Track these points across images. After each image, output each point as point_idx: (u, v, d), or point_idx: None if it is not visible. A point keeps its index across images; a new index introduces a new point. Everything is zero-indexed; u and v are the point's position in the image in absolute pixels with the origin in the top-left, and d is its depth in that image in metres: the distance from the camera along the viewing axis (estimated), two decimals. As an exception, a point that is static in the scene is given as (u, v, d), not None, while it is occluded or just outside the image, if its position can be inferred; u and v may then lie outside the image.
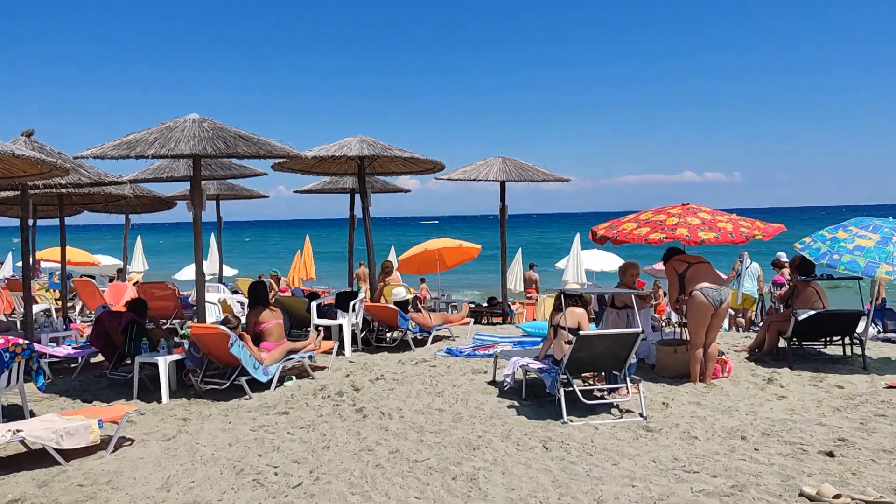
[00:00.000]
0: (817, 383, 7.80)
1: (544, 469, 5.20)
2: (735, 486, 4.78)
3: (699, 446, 5.70)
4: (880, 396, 7.18)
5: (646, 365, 8.65)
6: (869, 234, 8.36)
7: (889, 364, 8.91)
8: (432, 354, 9.71)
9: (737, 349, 9.82)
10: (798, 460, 5.31)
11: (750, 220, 8.15)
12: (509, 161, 13.25)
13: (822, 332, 9.07)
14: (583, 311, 7.07)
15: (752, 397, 7.24)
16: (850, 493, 4.55)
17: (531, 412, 6.74)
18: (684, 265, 7.86)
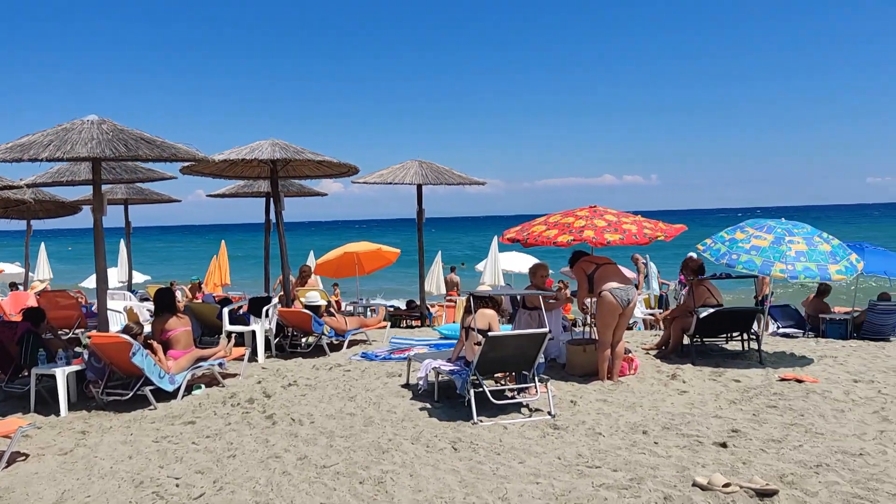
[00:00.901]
0: (717, 378, 8.15)
1: (452, 470, 5.25)
2: (633, 478, 4.94)
3: (603, 442, 5.86)
4: (773, 389, 7.55)
5: (557, 364, 8.85)
6: (764, 234, 8.78)
7: (784, 358, 9.39)
8: (347, 359, 9.65)
9: (645, 347, 10.15)
10: (694, 452, 5.53)
11: (653, 222, 8.44)
12: (426, 164, 13.31)
13: (722, 328, 9.48)
14: (493, 312, 7.16)
15: (655, 393, 7.50)
16: (739, 481, 4.77)
17: (443, 414, 6.78)
18: (593, 266, 8.07)
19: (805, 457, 5.32)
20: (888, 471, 4.97)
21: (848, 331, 12.81)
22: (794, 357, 9.47)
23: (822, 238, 8.83)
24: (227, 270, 20.30)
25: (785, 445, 5.64)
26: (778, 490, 4.61)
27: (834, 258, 8.53)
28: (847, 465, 5.13)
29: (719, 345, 10.13)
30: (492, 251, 17.97)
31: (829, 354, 9.67)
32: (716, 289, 9.46)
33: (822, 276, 8.40)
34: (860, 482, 4.77)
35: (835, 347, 10.42)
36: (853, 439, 5.76)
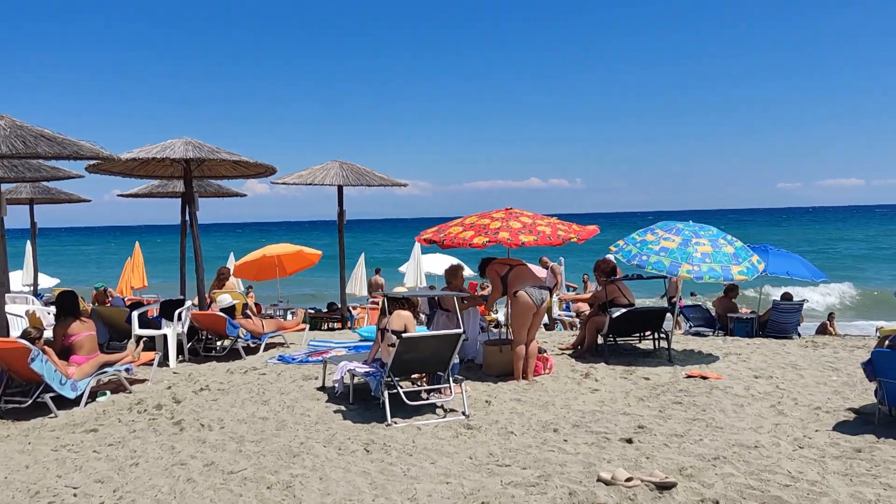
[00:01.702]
0: (628, 376, 8.38)
1: (363, 472, 5.22)
2: (542, 475, 5.03)
3: (514, 441, 5.95)
4: (680, 385, 7.82)
5: (474, 365, 8.92)
6: (672, 236, 9.09)
7: (692, 356, 9.73)
8: (263, 362, 9.48)
9: (561, 347, 10.35)
10: (601, 448, 5.67)
11: (567, 224, 8.62)
12: (346, 165, 13.22)
13: (634, 328, 9.76)
14: (409, 313, 7.16)
15: (568, 392, 7.65)
16: (641, 475, 4.91)
17: (357, 416, 6.75)
18: (506, 268, 8.18)
19: (704, 450, 5.53)
20: (780, 462, 5.22)
21: (754, 329, 13.40)
22: (701, 355, 9.83)
23: (726, 240, 9.20)
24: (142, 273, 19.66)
25: (686, 440, 5.84)
26: (676, 483, 4.77)
27: (737, 259, 8.90)
28: (743, 457, 5.35)
29: (632, 344, 10.42)
30: (414, 253, 18.00)
31: (734, 352, 10.08)
32: (627, 289, 9.73)
33: (726, 276, 8.76)
34: (754, 473, 4.99)
35: (740, 345, 10.87)
36: (750, 432, 6.02)
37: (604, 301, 9.48)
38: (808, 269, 14.27)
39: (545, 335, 12.11)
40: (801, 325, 14.05)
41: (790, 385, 7.83)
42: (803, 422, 6.34)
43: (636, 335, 10.07)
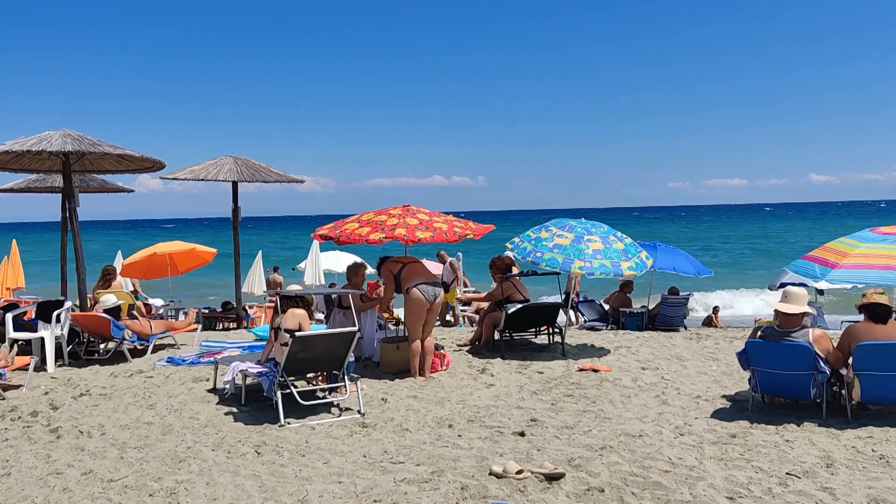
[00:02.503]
0: (523, 370, 8.54)
1: (253, 475, 5.08)
2: (435, 471, 5.04)
3: (409, 438, 5.94)
4: (572, 379, 8.03)
5: (371, 363, 8.87)
6: (565, 233, 9.33)
7: (585, 350, 10.03)
8: (151, 365, 9.08)
9: (458, 343, 10.44)
10: (494, 442, 5.75)
11: (463, 221, 8.70)
12: (241, 161, 12.85)
13: (530, 323, 9.96)
14: (303, 312, 7.04)
15: (464, 387, 7.71)
16: (532, 467, 5.01)
17: (249, 418, 6.57)
18: (399, 266, 8.17)
19: (592, 440, 5.70)
20: (662, 450, 5.44)
21: (644, 323, 13.96)
22: (594, 348, 10.14)
23: (616, 237, 9.52)
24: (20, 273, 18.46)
25: (576, 431, 6.00)
26: (565, 473, 4.89)
27: (626, 255, 9.22)
28: (628, 446, 5.55)
29: (528, 339, 10.63)
30: (313, 251, 17.73)
31: (625, 345, 10.46)
32: (522, 285, 9.91)
33: (616, 272, 9.07)
34: (637, 461, 5.18)
35: (630, 338, 11.29)
36: (636, 422, 6.25)
37: (500, 298, 9.62)
38: (693, 265, 14.98)
39: (443, 332, 12.18)
40: (687, 318, 14.76)
41: (674, 376, 8.18)
42: (684, 410, 6.64)
43: (532, 330, 10.28)
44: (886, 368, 5.84)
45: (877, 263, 7.23)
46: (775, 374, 6.29)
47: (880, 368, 5.86)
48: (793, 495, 4.52)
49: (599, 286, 17.98)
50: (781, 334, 6.32)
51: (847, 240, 7.95)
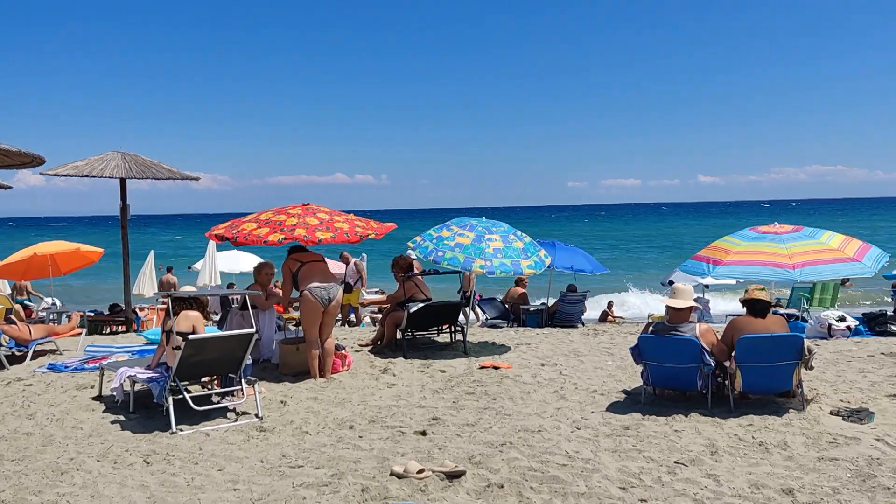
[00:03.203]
0: (425, 369, 8.54)
1: (141, 485, 4.85)
2: (335, 474, 4.96)
3: (309, 440, 5.83)
4: (474, 377, 8.10)
5: (270, 365, 8.66)
6: (466, 232, 9.40)
7: (486, 347, 10.14)
8: (30, 372, 8.53)
9: (360, 343, 10.35)
10: (395, 442, 5.72)
11: (365, 220, 8.61)
12: (129, 157, 12.28)
13: (432, 321, 9.98)
14: (197, 314, 6.77)
15: (366, 388, 7.65)
16: (433, 466, 5.01)
17: (138, 425, 6.27)
18: (298, 264, 8.02)
19: (493, 437, 5.76)
20: (560, 444, 5.56)
21: (543, 319, 14.28)
22: (495, 346, 10.27)
23: (516, 236, 9.68)
24: None
25: (477, 428, 6.05)
26: (465, 471, 4.92)
27: (525, 254, 9.39)
28: (527, 441, 5.64)
29: (430, 337, 10.65)
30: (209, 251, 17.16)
31: (525, 342, 10.65)
32: (424, 284, 9.92)
33: (516, 270, 9.22)
34: (536, 456, 5.27)
35: (530, 335, 11.51)
36: (535, 418, 6.36)
37: (402, 298, 9.60)
38: (590, 263, 15.46)
39: (345, 332, 12.06)
40: (585, 313, 15.21)
41: (572, 371, 8.39)
42: (581, 404, 6.81)
43: (434, 329, 10.30)
44: (765, 359, 6.19)
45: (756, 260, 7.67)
46: (665, 368, 6.56)
47: (759, 360, 6.20)
48: (680, 483, 4.72)
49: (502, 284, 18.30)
50: (670, 329, 6.59)
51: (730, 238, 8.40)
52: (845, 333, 10.93)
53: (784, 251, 7.71)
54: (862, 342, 10.11)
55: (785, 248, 7.74)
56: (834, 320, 11.16)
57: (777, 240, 7.91)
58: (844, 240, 8.35)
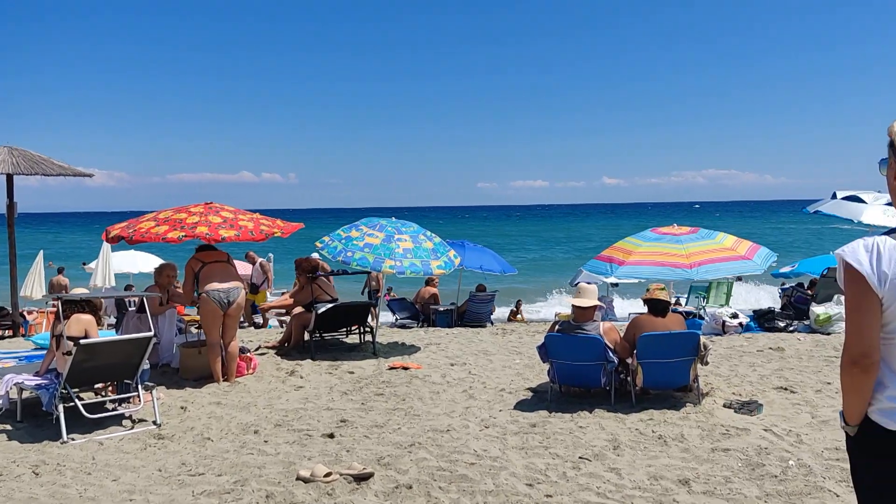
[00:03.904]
0: (333, 371, 8.43)
1: (29, 498, 4.56)
2: (238, 481, 4.81)
3: (211, 447, 5.63)
4: (383, 378, 8.05)
5: (171, 369, 8.34)
6: (376, 232, 9.34)
7: (396, 348, 10.10)
8: None
9: (266, 345, 10.11)
10: (302, 446, 5.60)
11: (271, 219, 8.42)
12: (17, 151, 11.56)
13: (341, 322, 9.87)
14: (90, 317, 6.44)
15: (272, 391, 7.47)
16: (340, 469, 4.94)
17: (26, 435, 5.91)
18: (200, 264, 7.75)
19: (402, 438, 5.73)
20: (468, 443, 5.58)
21: (453, 319, 14.35)
22: (404, 346, 10.24)
23: (425, 236, 9.69)
24: None
25: (386, 429, 6.01)
26: (374, 473, 4.87)
27: (435, 254, 9.41)
28: (436, 441, 5.64)
29: (339, 338, 10.51)
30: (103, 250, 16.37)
31: (435, 342, 10.67)
32: (329, 285, 9.80)
33: (426, 270, 9.23)
34: (445, 456, 5.28)
35: (440, 335, 11.55)
36: (444, 417, 6.38)
37: (309, 300, 9.43)
38: (499, 263, 15.66)
39: (251, 333, 11.76)
40: (493, 313, 15.39)
41: (481, 370, 8.47)
42: (490, 403, 6.88)
43: (343, 330, 10.18)
44: (664, 356, 6.43)
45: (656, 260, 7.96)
46: (571, 365, 6.70)
47: (659, 356, 6.43)
48: (584, 477, 4.83)
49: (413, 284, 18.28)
50: (576, 328, 6.74)
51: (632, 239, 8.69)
52: (738, 330, 11.50)
53: (682, 251, 8.04)
54: (752, 338, 10.65)
55: (683, 249, 8.07)
56: (727, 317, 11.72)
57: (676, 240, 8.24)
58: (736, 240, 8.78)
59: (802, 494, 4.42)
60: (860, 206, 12.71)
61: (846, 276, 2.10)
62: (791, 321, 11.84)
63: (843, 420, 2.21)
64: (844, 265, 2.10)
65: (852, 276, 2.08)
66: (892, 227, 2.14)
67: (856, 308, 2.08)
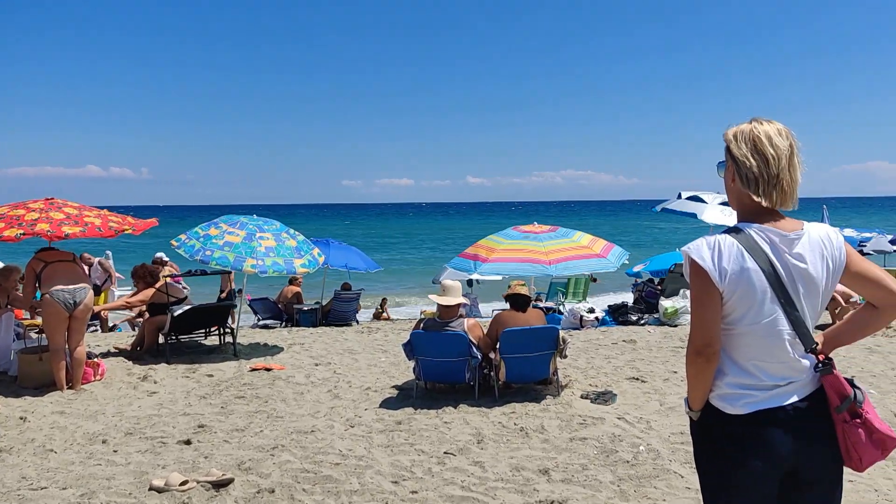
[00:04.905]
0: (190, 374, 8.06)
1: None
2: (85, 493, 4.50)
3: (54, 459, 5.23)
4: (244, 380, 7.79)
5: (8, 377, 7.67)
6: (236, 230, 9.02)
7: (258, 349, 9.81)
8: None
9: (117, 347, 9.54)
10: (156, 454, 5.31)
11: (121, 216, 7.94)
12: None
13: (199, 324, 9.46)
14: None
15: (122, 398, 7.04)
16: (197, 476, 4.72)
17: None
18: (42, 264, 7.17)
19: (264, 441, 5.57)
20: (333, 443, 5.51)
21: (318, 318, 14.13)
22: (267, 347, 9.97)
23: (289, 234, 9.47)
24: None
25: (247, 433, 5.82)
26: (234, 478, 4.70)
27: (299, 253, 9.22)
28: (300, 443, 5.53)
29: (197, 341, 10.08)
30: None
31: (299, 342, 10.46)
32: (176, 286, 9.40)
33: (289, 269, 9.02)
34: (309, 457, 5.18)
35: (304, 335, 11.33)
36: (308, 418, 6.26)
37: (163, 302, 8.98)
38: (364, 261, 15.59)
39: (98, 337, 11.04)
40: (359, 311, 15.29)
41: (346, 369, 8.38)
42: (355, 402, 6.82)
43: (201, 332, 9.77)
44: (525, 350, 6.63)
45: (517, 257, 8.20)
46: (436, 362, 6.77)
47: (521, 351, 6.63)
48: (449, 472, 4.89)
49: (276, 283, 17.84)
50: (441, 325, 6.82)
51: (495, 237, 8.91)
52: (594, 324, 12.06)
53: (542, 249, 8.33)
54: (608, 331, 11.21)
55: (542, 246, 8.36)
56: (585, 312, 12.27)
57: (536, 238, 8.53)
58: (593, 239, 9.21)
59: (651, 477, 4.70)
60: (701, 206, 13.69)
61: (691, 271, 2.24)
62: (642, 315, 12.57)
63: (687, 406, 2.35)
64: (689, 261, 2.24)
65: (696, 271, 2.22)
66: (731, 226, 2.30)
67: (699, 301, 2.22)
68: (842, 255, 2.25)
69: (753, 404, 2.20)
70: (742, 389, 2.22)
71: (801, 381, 2.23)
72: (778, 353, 2.21)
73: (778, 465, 2.18)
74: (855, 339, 2.38)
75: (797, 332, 2.20)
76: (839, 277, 2.27)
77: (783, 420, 2.19)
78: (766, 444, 2.17)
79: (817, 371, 2.23)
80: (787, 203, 2.25)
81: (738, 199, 2.31)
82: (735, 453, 2.20)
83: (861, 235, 20.66)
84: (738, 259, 2.18)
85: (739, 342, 2.23)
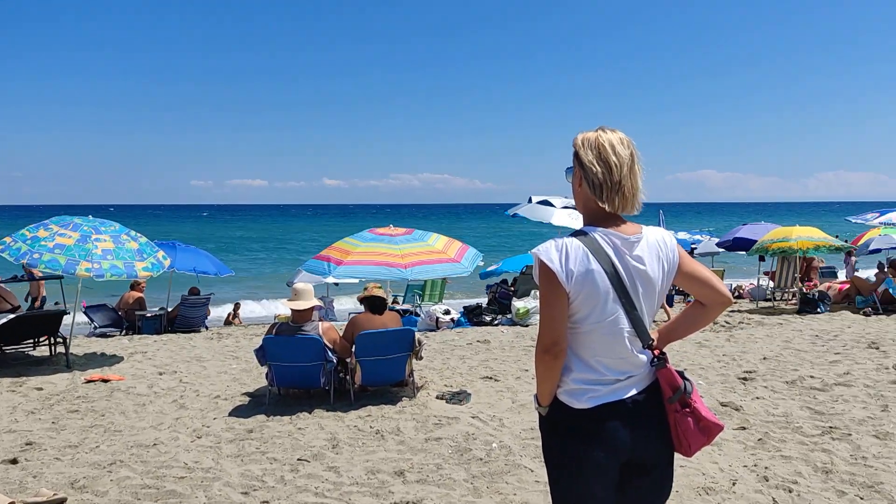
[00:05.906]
0: (17, 388, 7.40)
1: None
2: None
3: None
4: (78, 392, 7.24)
5: None
6: (69, 232, 8.37)
7: (94, 359, 9.16)
8: None
9: (-72, 363, 8.57)
10: (-27, 478, 4.81)
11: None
12: None
13: (26, 334, 8.70)
14: None
15: (-66, 417, 6.33)
16: (25, 497, 4.33)
17: None
18: None
19: (100, 457, 5.19)
20: (178, 455, 5.22)
21: (162, 325, 13.41)
22: (104, 357, 9.33)
23: (129, 236, 8.92)
24: None
25: (82, 449, 5.40)
26: (66, 498, 4.35)
27: (141, 255, 8.70)
28: (141, 457, 5.19)
29: (25, 351, 9.25)
30: None
31: (141, 350, 9.87)
32: (9, 293, 8.64)
33: (130, 273, 8.48)
34: (151, 472, 4.88)
35: (147, 343, 10.72)
36: (150, 431, 5.90)
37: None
38: (214, 265, 14.98)
39: None
40: (209, 317, 14.65)
41: (193, 378, 8.00)
42: (203, 412, 6.51)
43: (29, 342, 8.98)
44: (381, 353, 6.61)
45: (373, 260, 8.17)
46: (290, 367, 6.60)
47: (377, 353, 6.60)
48: (303, 479, 4.77)
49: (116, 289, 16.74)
50: (294, 329, 6.66)
51: (350, 239, 8.81)
52: (450, 325, 12.25)
53: (397, 252, 8.33)
54: (463, 332, 11.42)
55: (398, 249, 8.36)
56: (441, 314, 12.43)
57: (392, 241, 8.52)
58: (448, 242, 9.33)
59: (503, 473, 4.82)
60: (550, 210, 14.28)
61: (540, 272, 2.31)
62: (496, 315, 12.92)
63: (536, 402, 2.42)
64: (539, 263, 2.30)
65: (545, 272, 2.29)
66: (577, 229, 2.39)
67: (547, 301, 2.30)
68: (675, 257, 2.41)
69: (597, 398, 2.30)
70: (586, 385, 2.31)
71: (639, 375, 2.36)
72: (619, 349, 2.32)
73: (618, 454, 2.30)
74: (686, 335, 2.55)
75: (636, 330, 2.33)
76: (673, 278, 2.43)
77: (623, 413, 2.30)
78: (607, 436, 2.28)
79: (653, 365, 2.37)
80: (629, 208, 2.37)
81: (584, 203, 2.41)
82: (579, 446, 2.29)
83: (693, 238, 22.41)
84: (583, 261, 2.27)
85: (584, 340, 2.32)
